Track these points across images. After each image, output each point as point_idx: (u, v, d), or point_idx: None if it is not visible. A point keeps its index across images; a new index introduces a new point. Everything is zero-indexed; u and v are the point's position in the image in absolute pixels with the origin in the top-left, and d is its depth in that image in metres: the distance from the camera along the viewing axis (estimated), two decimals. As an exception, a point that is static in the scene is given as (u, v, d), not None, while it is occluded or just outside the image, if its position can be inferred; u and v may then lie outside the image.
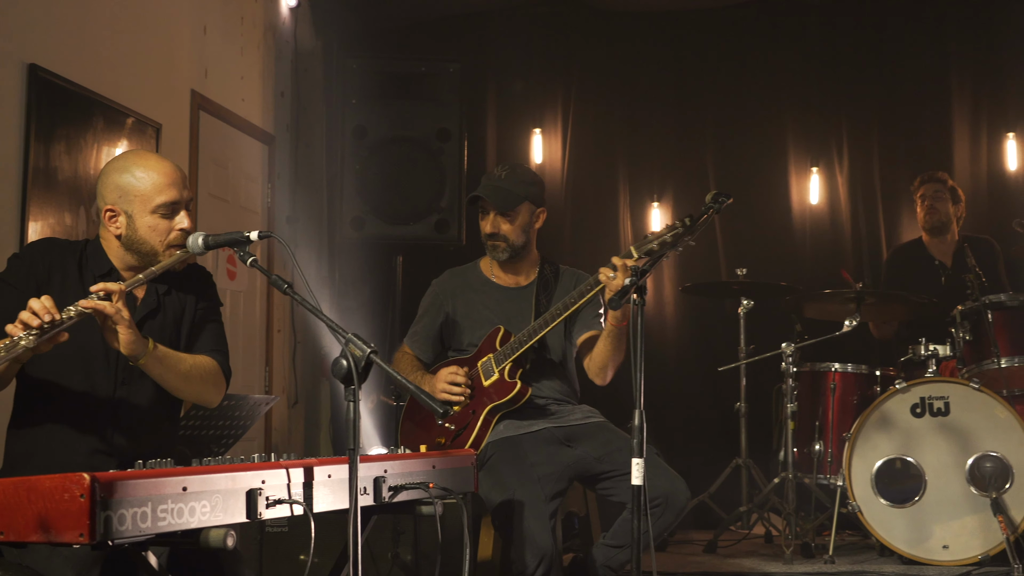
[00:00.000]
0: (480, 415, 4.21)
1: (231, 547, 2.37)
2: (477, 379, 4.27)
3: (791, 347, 5.52)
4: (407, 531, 4.02)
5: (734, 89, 7.38)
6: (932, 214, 6.32)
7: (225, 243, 3.06)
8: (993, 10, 7.05)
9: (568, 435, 4.25)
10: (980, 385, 5.11)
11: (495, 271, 4.49)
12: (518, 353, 4.21)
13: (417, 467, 3.10)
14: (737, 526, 6.09)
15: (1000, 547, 4.84)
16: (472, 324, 4.42)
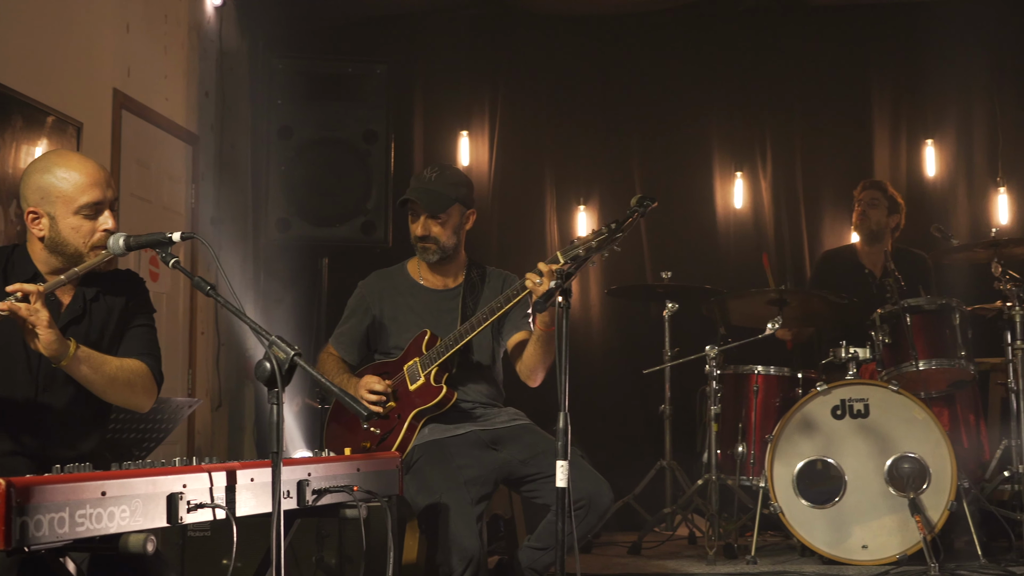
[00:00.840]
0: (406, 419, 4.20)
1: (151, 552, 2.34)
2: (403, 383, 4.26)
3: (715, 350, 5.59)
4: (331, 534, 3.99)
5: (660, 94, 7.44)
6: (863, 220, 6.34)
7: (147, 244, 3.02)
8: (912, 19, 7.17)
9: (494, 438, 4.25)
10: (899, 387, 5.20)
11: (423, 273, 4.47)
12: (444, 358, 4.21)
13: (341, 470, 3.09)
14: (661, 527, 6.14)
15: (917, 546, 4.93)
16: (399, 327, 4.40)
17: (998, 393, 6.15)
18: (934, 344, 5.45)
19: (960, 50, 6.97)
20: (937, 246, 6.05)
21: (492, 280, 4.46)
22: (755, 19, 7.37)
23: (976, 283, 6.23)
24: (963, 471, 5.15)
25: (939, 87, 7.15)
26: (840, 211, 7.15)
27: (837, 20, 7.36)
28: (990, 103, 7.14)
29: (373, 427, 4.22)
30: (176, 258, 2.96)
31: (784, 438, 5.25)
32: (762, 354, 5.90)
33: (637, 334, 7.12)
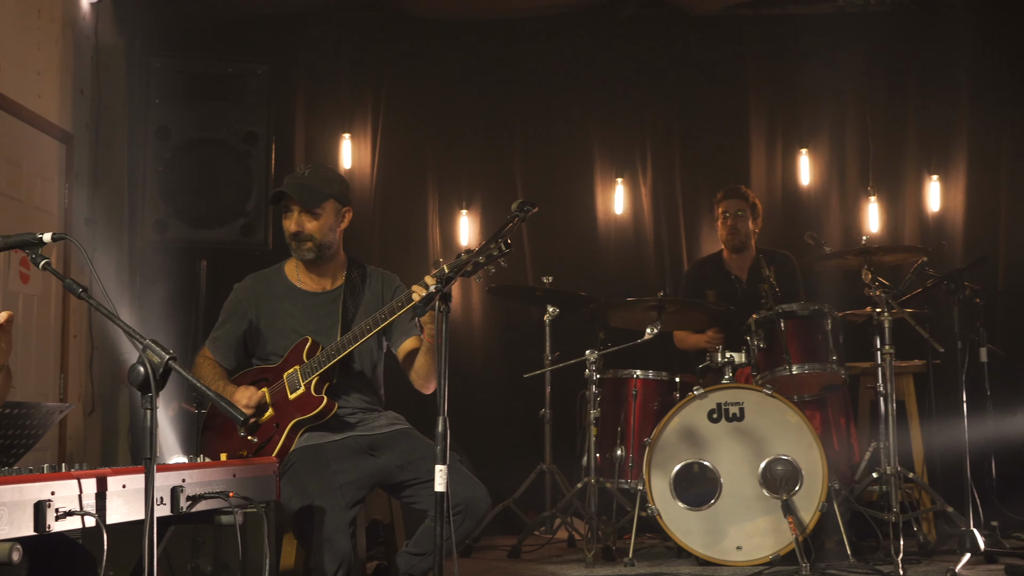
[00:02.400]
0: (284, 429, 4.15)
1: (17, 562, 2.28)
2: (282, 392, 4.21)
3: (595, 354, 5.64)
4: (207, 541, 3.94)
5: (542, 99, 7.49)
6: (733, 235, 6.48)
7: (16, 244, 2.94)
8: (789, 30, 7.33)
9: (372, 444, 4.23)
10: (773, 391, 5.31)
11: (301, 276, 4.42)
12: (325, 368, 4.17)
13: (217, 476, 3.05)
14: (541, 531, 6.17)
15: (790, 547, 5.04)
16: (276, 333, 4.35)
17: (868, 397, 6.34)
18: (807, 349, 5.59)
19: (834, 62, 7.14)
20: (810, 253, 6.19)
21: (373, 281, 4.44)
22: (636, 27, 7.46)
23: (847, 289, 6.41)
24: (834, 473, 5.28)
25: (813, 97, 7.32)
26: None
27: (716, 30, 7.49)
28: (862, 114, 7.33)
29: (251, 437, 4.17)
30: (47, 259, 2.88)
31: (662, 441, 5.32)
32: (641, 358, 5.96)
33: (518, 338, 7.15)
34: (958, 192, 7.18)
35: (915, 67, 7.32)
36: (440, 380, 3.44)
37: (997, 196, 7.14)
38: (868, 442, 5.82)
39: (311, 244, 4.30)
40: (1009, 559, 5.35)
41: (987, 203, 7.15)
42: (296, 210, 4.29)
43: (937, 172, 7.19)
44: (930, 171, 7.20)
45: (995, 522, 5.86)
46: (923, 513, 5.80)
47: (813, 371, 5.57)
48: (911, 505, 5.70)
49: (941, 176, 7.18)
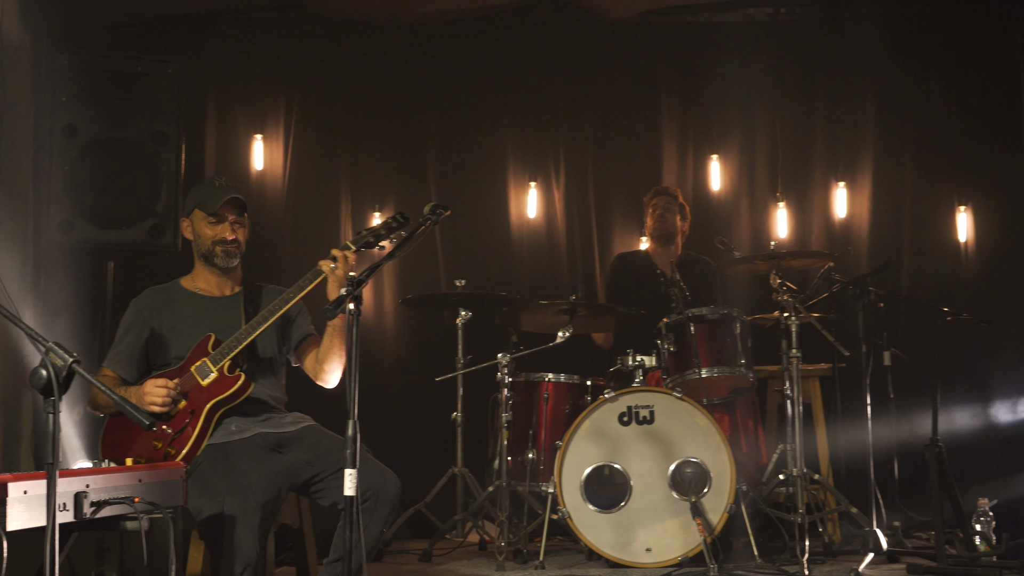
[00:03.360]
0: (200, 414, 4.14)
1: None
2: (192, 382, 4.20)
3: (506, 358, 5.65)
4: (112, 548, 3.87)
5: (456, 103, 7.48)
6: (661, 223, 6.61)
7: (-87, 245, 2.87)
8: (700, 37, 7.41)
9: (280, 441, 4.22)
10: (682, 394, 5.37)
11: (199, 284, 4.48)
12: (238, 349, 4.21)
13: (122, 481, 3.01)
14: (452, 534, 6.16)
15: (698, 548, 5.10)
16: (180, 336, 4.35)
17: (775, 400, 6.44)
18: (716, 352, 5.66)
19: (744, 70, 7.22)
20: (721, 258, 6.27)
21: (267, 293, 4.51)
22: (551, 32, 7.50)
23: (756, 294, 6.49)
24: (742, 475, 5.35)
25: (724, 104, 7.41)
26: (630, 221, 7.35)
27: (630, 36, 7.55)
28: (771, 121, 7.45)
29: (165, 425, 4.13)
30: (-55, 261, 2.82)
31: (573, 444, 5.35)
32: (553, 362, 5.99)
33: (430, 342, 7.14)
34: (864, 198, 7.32)
35: (823, 75, 7.45)
36: (351, 383, 3.43)
37: (901, 203, 7.29)
38: (775, 444, 5.91)
39: (237, 251, 4.40)
40: (911, 558, 5.47)
41: (892, 209, 7.29)
42: (231, 218, 4.32)
43: (844, 178, 7.32)
44: (837, 177, 7.33)
45: (897, 522, 5.99)
46: (828, 514, 5.90)
47: (722, 374, 5.64)
48: (816, 506, 5.80)
49: (848, 182, 7.32)
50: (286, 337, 4.48)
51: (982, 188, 7.17)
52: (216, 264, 4.40)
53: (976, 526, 5.65)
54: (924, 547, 5.83)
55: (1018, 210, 6.34)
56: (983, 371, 6.78)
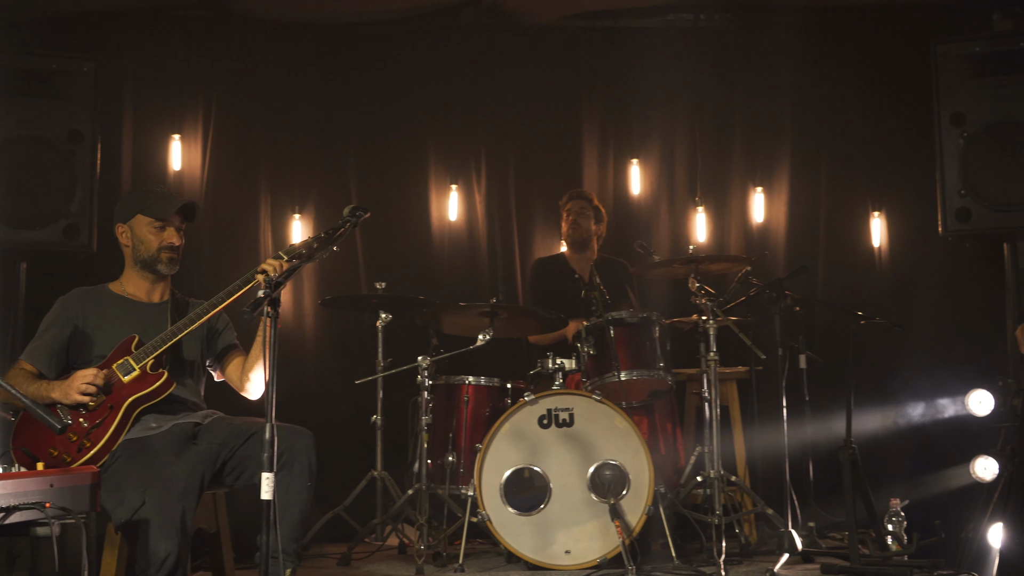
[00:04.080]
0: (119, 409, 4.13)
1: None
2: (114, 379, 4.19)
3: (427, 360, 5.64)
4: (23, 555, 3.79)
5: (378, 105, 7.45)
6: (575, 229, 6.65)
7: None
8: (622, 43, 7.47)
9: (194, 433, 4.26)
10: (602, 397, 5.40)
11: (128, 289, 4.48)
12: (163, 348, 4.20)
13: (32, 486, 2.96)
14: (371, 538, 6.13)
15: (617, 550, 5.12)
16: (104, 335, 4.33)
17: (693, 402, 6.50)
18: (635, 356, 5.70)
19: (664, 75, 7.28)
20: (640, 261, 6.31)
21: (195, 306, 4.48)
22: (473, 35, 7.50)
23: (675, 297, 6.56)
24: (660, 477, 5.39)
25: (644, 109, 7.47)
26: (550, 224, 7.37)
27: (551, 40, 7.57)
28: (691, 127, 7.52)
29: (82, 419, 4.08)
30: None
31: (493, 447, 5.36)
32: (473, 365, 5.99)
33: (350, 344, 7.10)
34: (781, 203, 7.42)
35: (742, 82, 7.54)
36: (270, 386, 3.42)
37: (817, 208, 7.40)
38: (693, 446, 5.97)
39: (179, 259, 4.43)
40: (825, 558, 5.56)
41: (808, 214, 7.40)
42: (175, 224, 4.38)
43: (761, 184, 7.41)
44: (755, 183, 7.42)
45: (812, 523, 6.09)
46: (744, 515, 5.97)
47: (641, 377, 5.68)
48: (733, 507, 5.86)
49: (765, 188, 7.41)
50: (211, 346, 4.53)
51: (895, 194, 7.30)
52: (158, 270, 4.44)
53: (888, 526, 5.76)
54: (838, 547, 5.92)
55: (929, 216, 6.46)
56: (895, 374, 6.89)
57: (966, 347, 6.88)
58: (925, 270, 6.97)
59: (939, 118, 6.26)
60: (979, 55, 6.23)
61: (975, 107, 6.19)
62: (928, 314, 6.89)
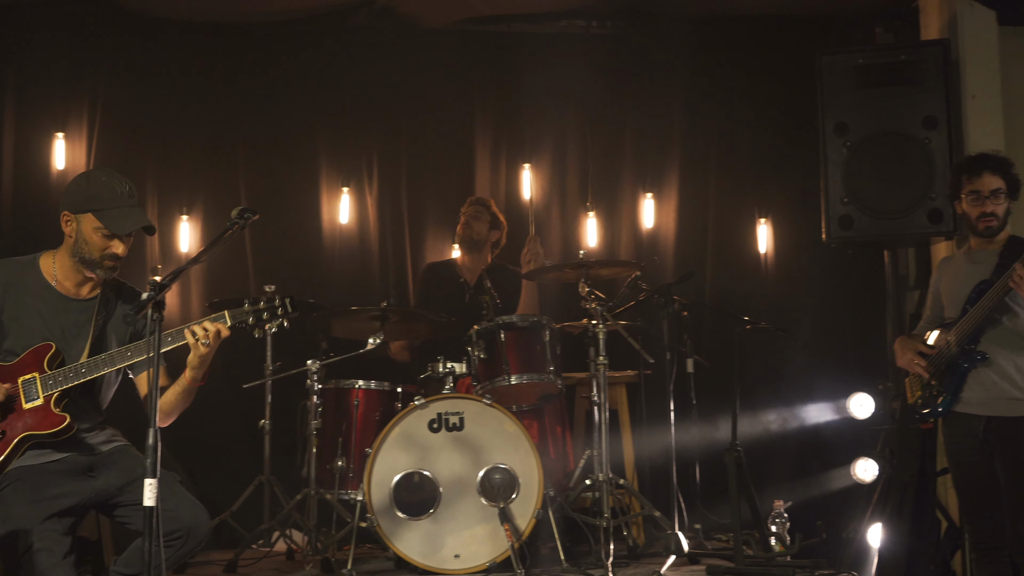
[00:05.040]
0: (11, 441, 3.93)
1: None
2: (16, 401, 3.99)
3: (316, 364, 5.60)
4: None
5: (269, 105, 7.35)
6: (466, 229, 6.65)
7: None
8: (514, 47, 7.48)
9: (91, 464, 4.09)
10: (492, 401, 5.41)
11: (58, 276, 4.19)
12: (73, 384, 3.98)
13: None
14: (259, 544, 6.05)
15: (506, 554, 5.14)
16: (20, 328, 4.10)
17: (583, 406, 6.54)
18: (525, 359, 5.72)
19: (556, 81, 7.32)
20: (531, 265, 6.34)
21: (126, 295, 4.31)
22: (366, 37, 7.44)
23: (565, 302, 6.59)
24: (549, 480, 5.42)
25: (537, 114, 7.48)
26: (442, 228, 7.36)
27: (444, 43, 7.54)
28: (582, 132, 7.56)
29: None
30: None
31: (382, 452, 5.33)
32: (364, 368, 5.96)
33: (238, 348, 6.91)
34: (670, 209, 7.50)
35: (632, 88, 7.61)
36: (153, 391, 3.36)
37: (705, 214, 7.50)
38: (583, 450, 6.00)
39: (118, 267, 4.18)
40: (710, 560, 5.64)
41: (696, 220, 7.49)
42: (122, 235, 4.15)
43: (651, 190, 7.49)
44: (645, 188, 7.49)
45: (699, 525, 6.18)
46: (632, 518, 6.04)
47: (531, 381, 5.70)
48: (622, 510, 5.92)
49: (655, 194, 7.49)
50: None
51: (781, 202, 7.44)
52: (96, 273, 4.16)
53: (772, 527, 5.87)
54: (723, 548, 6.02)
55: (814, 223, 6.59)
56: (780, 378, 7.03)
57: (848, 352, 7.06)
58: (809, 276, 7.13)
59: (823, 128, 6.39)
60: (862, 67, 6.39)
61: (858, 117, 6.34)
62: (811, 319, 7.04)
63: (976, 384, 4.59)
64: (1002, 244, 4.66)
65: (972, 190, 4.65)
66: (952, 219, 6.05)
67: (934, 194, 6.12)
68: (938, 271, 4.95)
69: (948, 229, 6.17)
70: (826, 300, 7.10)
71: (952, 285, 4.77)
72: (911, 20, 7.06)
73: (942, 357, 4.63)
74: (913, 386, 4.78)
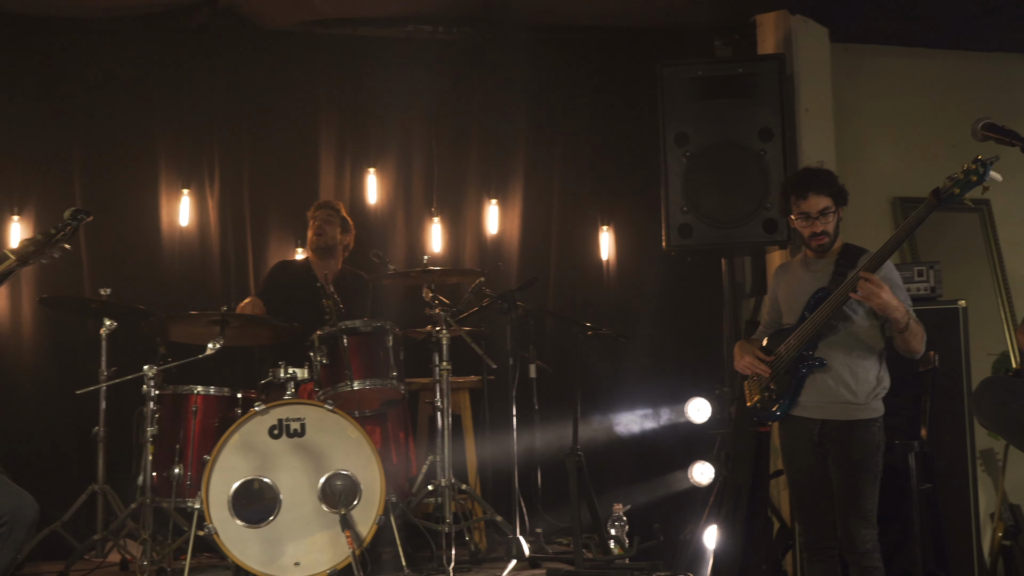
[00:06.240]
0: None
1: None
2: None
3: (153, 369, 5.47)
4: None
5: (107, 104, 7.13)
6: (320, 236, 6.57)
7: None
8: (360, 52, 7.44)
9: None
10: (334, 407, 5.37)
11: None
12: None
13: None
14: (91, 555, 5.88)
15: (347, 561, 5.12)
16: None
17: (426, 412, 6.55)
18: (368, 365, 5.70)
19: (403, 85, 7.31)
20: (376, 271, 6.31)
21: None
22: (208, 37, 7.29)
23: (410, 307, 6.58)
24: (392, 486, 5.42)
25: (382, 119, 7.45)
26: (286, 231, 7.26)
27: (289, 45, 7.44)
28: (428, 137, 7.55)
29: None
30: None
31: (221, 458, 5.25)
32: (203, 374, 5.85)
33: (72, 352, 6.78)
34: (515, 216, 7.55)
35: (479, 95, 7.63)
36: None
37: (549, 221, 7.57)
38: (426, 455, 6.01)
39: None
40: (551, 563, 5.70)
41: (540, 227, 7.55)
42: None
43: (496, 196, 7.53)
44: (490, 195, 7.53)
45: (540, 529, 6.25)
46: (475, 523, 6.06)
47: (374, 387, 5.69)
48: (464, 515, 5.94)
49: (500, 200, 7.53)
50: None
51: (623, 210, 7.56)
52: None
53: (611, 530, 5.96)
54: (564, 552, 6.09)
55: (654, 231, 6.71)
56: (620, 383, 7.14)
57: (686, 357, 7.22)
58: (649, 283, 7.27)
59: (664, 138, 6.52)
60: (701, 79, 6.54)
61: (697, 128, 6.49)
62: (652, 325, 7.18)
63: (812, 388, 4.72)
64: (837, 253, 4.82)
65: (800, 212, 4.78)
66: (786, 229, 6.23)
67: (769, 204, 6.28)
68: (776, 278, 5.08)
69: (782, 238, 6.36)
70: (666, 307, 7.25)
71: (790, 292, 4.91)
72: (749, 35, 7.27)
73: (781, 362, 4.76)
74: (752, 389, 4.90)
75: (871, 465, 4.65)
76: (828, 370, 4.69)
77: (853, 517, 4.62)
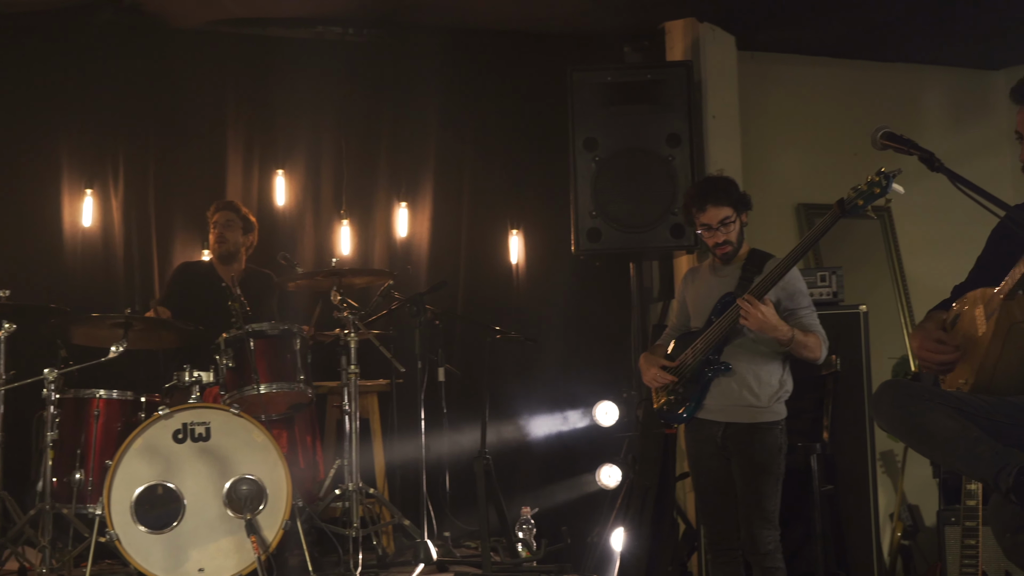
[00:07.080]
0: None
1: None
2: None
3: (54, 373, 5.36)
4: None
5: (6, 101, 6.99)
6: (222, 243, 6.49)
7: None
8: (269, 52, 7.36)
9: None
10: (240, 410, 5.32)
11: None
12: None
13: None
14: (-13, 563, 5.76)
15: (252, 566, 5.08)
16: None
17: (334, 415, 6.51)
18: (275, 368, 5.65)
19: (312, 86, 7.24)
20: (283, 273, 6.26)
21: None
22: (112, 34, 7.16)
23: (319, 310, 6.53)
24: (298, 491, 5.37)
25: (291, 120, 7.38)
26: (192, 233, 7.17)
27: (196, 44, 7.32)
28: (337, 139, 7.50)
29: None
30: None
31: (124, 464, 5.17)
32: (106, 378, 5.75)
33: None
34: (425, 219, 7.53)
35: (389, 97, 7.59)
36: None
37: (459, 224, 7.56)
38: (334, 459, 5.96)
39: None
40: (459, 567, 5.71)
41: (450, 231, 7.54)
42: None
43: (406, 199, 7.50)
44: (400, 197, 7.50)
45: (448, 533, 6.24)
46: (382, 527, 6.04)
47: (281, 390, 5.65)
48: (371, 519, 5.92)
49: (409, 203, 7.50)
50: None
51: (533, 214, 7.57)
52: None
53: (519, 534, 5.98)
54: (472, 555, 6.10)
55: (564, 236, 6.75)
56: (529, 387, 7.15)
57: (595, 361, 7.26)
58: (558, 287, 7.30)
59: (573, 142, 6.55)
60: (611, 84, 6.58)
61: (606, 133, 6.53)
62: (560, 329, 7.22)
63: (717, 392, 4.78)
64: (744, 258, 4.88)
65: (701, 223, 4.84)
66: (693, 234, 6.29)
67: (676, 210, 6.33)
68: (684, 282, 5.14)
69: (689, 244, 6.43)
70: (575, 310, 7.29)
71: (698, 297, 4.97)
72: (658, 41, 7.33)
73: (686, 366, 4.81)
74: (659, 392, 4.95)
75: (773, 467, 4.73)
76: (733, 374, 4.75)
77: (756, 519, 4.69)
